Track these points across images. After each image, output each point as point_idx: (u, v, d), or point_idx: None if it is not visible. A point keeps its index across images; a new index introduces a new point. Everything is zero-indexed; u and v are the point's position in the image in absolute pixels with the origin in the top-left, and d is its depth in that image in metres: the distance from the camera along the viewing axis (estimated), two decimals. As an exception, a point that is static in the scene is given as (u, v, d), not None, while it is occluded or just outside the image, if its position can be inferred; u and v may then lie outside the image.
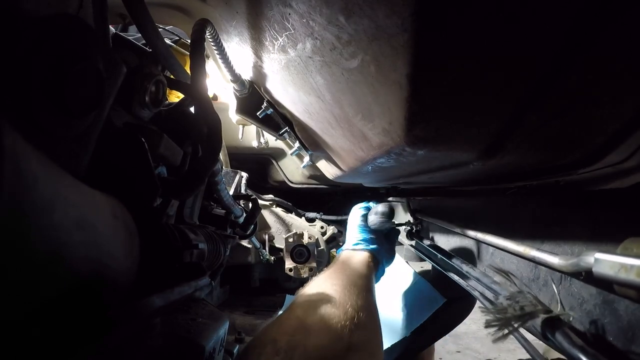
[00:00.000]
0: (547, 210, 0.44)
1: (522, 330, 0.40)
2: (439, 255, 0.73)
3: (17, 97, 0.21)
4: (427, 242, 0.87)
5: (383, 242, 0.79)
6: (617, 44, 0.24)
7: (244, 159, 1.34)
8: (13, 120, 0.18)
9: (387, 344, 0.83)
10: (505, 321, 0.37)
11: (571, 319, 0.36)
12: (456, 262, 0.64)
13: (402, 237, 1.05)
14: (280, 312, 1.21)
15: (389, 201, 0.91)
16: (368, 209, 0.84)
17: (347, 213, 1.01)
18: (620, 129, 0.31)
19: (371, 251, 0.73)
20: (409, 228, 1.01)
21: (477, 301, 0.57)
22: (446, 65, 0.26)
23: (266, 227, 1.32)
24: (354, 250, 0.74)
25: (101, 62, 0.27)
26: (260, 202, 1.19)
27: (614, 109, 0.30)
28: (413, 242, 1.01)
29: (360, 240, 0.76)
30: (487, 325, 0.37)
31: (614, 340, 0.31)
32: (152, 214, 0.36)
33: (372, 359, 0.54)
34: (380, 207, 0.77)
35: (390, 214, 0.75)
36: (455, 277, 0.64)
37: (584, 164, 0.35)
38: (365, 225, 0.79)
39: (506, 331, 0.36)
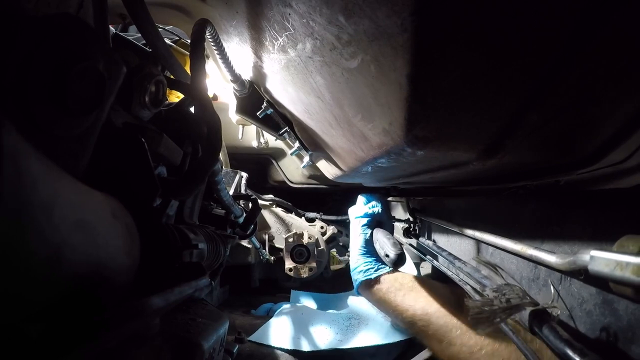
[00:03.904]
0: (547, 210, 0.44)
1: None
2: (437, 254, 0.74)
3: (17, 96, 0.21)
4: (425, 241, 0.87)
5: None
6: (617, 44, 0.24)
7: (243, 159, 1.34)
8: (13, 120, 0.18)
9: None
10: (491, 313, 0.37)
11: (559, 312, 0.36)
12: (452, 259, 0.64)
13: (400, 236, 1.06)
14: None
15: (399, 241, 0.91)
16: (368, 219, 0.87)
17: (346, 213, 1.00)
18: (620, 129, 0.31)
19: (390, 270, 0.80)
20: (407, 225, 1.02)
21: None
22: (446, 65, 0.26)
23: (266, 227, 1.32)
24: (384, 275, 0.79)
25: (101, 62, 0.27)
26: (260, 202, 1.19)
27: (614, 109, 0.30)
28: (412, 241, 1.01)
29: (374, 263, 0.82)
30: (473, 316, 0.37)
31: (613, 339, 0.31)
32: (152, 214, 0.36)
33: None
34: (392, 254, 0.75)
35: (399, 262, 0.75)
36: (453, 275, 0.65)
37: (584, 164, 0.35)
38: (368, 249, 0.84)
39: (492, 323, 0.36)
